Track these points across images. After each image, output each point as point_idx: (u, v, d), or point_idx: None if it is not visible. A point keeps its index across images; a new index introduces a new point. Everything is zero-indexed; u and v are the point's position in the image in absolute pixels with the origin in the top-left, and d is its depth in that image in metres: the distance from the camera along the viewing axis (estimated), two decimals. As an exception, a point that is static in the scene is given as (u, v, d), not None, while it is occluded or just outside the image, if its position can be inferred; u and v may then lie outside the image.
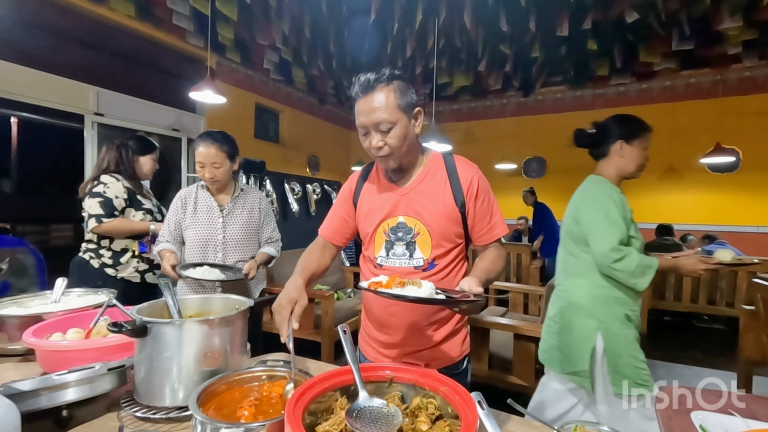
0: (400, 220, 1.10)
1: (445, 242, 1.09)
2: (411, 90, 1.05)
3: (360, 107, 1.02)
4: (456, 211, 1.08)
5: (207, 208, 1.81)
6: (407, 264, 1.09)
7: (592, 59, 4.92)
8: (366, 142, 1.05)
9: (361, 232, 1.20)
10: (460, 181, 1.09)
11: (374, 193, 1.17)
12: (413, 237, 1.09)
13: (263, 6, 3.84)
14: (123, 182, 2.01)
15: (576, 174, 2.59)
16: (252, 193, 1.94)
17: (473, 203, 1.09)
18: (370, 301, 1.19)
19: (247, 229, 1.85)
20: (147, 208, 2.09)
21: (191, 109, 4.75)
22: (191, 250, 1.79)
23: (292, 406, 0.63)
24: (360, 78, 1.01)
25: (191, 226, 1.79)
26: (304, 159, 6.65)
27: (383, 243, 1.12)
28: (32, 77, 3.31)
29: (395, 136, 1.01)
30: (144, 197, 2.13)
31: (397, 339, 1.13)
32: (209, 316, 0.95)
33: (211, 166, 1.74)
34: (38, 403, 0.77)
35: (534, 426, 0.83)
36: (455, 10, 3.79)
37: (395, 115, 1.00)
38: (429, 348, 1.12)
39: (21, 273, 1.84)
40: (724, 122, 5.22)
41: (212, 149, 1.74)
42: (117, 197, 1.97)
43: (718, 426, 0.80)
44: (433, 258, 1.08)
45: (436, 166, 1.12)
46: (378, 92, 1.00)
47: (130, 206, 2.03)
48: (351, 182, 1.24)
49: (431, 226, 1.07)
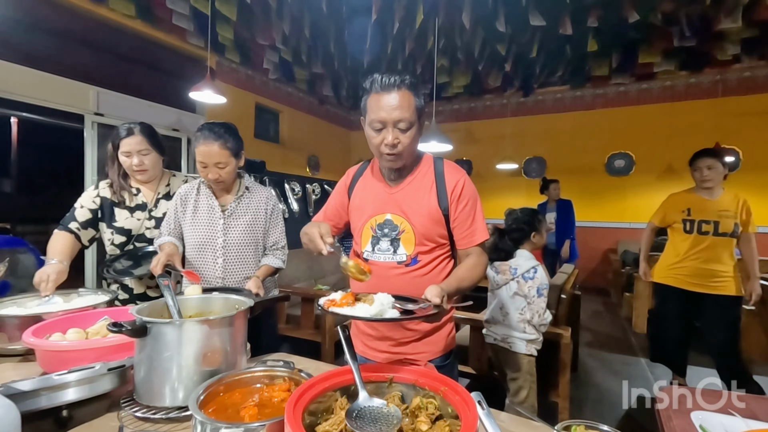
0: (387, 217, 1.15)
1: (427, 241, 1.14)
2: (423, 97, 1.11)
3: (380, 102, 1.04)
4: (439, 213, 1.13)
5: (208, 208, 1.62)
6: (391, 259, 1.14)
7: (592, 59, 4.92)
8: (378, 138, 1.07)
9: (352, 226, 1.26)
10: (446, 184, 1.14)
11: (367, 189, 1.22)
12: (398, 234, 1.14)
13: (263, 6, 3.84)
14: (101, 190, 1.71)
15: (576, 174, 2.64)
16: (259, 193, 1.72)
17: (455, 206, 1.13)
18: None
19: (250, 232, 1.65)
20: (120, 227, 1.68)
21: (191, 109, 4.75)
22: (189, 253, 1.62)
23: (292, 406, 0.63)
24: (381, 76, 1.05)
25: (190, 228, 1.61)
26: (304, 159, 6.65)
27: (370, 238, 1.17)
28: (32, 77, 3.32)
29: (410, 136, 1.06)
30: (130, 209, 1.71)
31: (382, 333, 1.19)
32: (209, 316, 0.95)
33: (215, 167, 1.52)
34: (38, 403, 0.77)
35: (534, 426, 0.83)
36: (455, 10, 3.79)
37: (413, 117, 1.06)
38: (414, 341, 1.17)
39: (21, 273, 1.83)
40: (724, 122, 5.22)
41: (215, 147, 1.51)
42: (82, 206, 1.67)
43: (718, 426, 0.80)
44: (416, 254, 1.13)
45: (426, 168, 1.18)
46: (402, 91, 1.04)
47: (101, 219, 1.69)
48: (348, 176, 1.30)
49: (415, 225, 1.12)
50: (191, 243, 1.62)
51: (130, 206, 1.71)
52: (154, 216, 1.73)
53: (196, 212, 1.62)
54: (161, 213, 1.73)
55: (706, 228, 2.45)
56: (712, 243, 2.43)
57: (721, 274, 2.39)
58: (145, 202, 1.73)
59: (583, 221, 6.37)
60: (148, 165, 1.69)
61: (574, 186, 6.39)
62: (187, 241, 1.63)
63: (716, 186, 2.46)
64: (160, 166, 1.77)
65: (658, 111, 5.73)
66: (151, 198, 1.75)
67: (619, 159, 6.07)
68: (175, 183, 1.81)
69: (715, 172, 2.43)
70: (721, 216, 2.40)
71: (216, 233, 1.60)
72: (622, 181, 6.05)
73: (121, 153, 1.66)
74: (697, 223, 2.48)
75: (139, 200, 1.73)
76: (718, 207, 2.43)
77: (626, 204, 6.05)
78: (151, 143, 1.69)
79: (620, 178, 6.06)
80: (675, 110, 5.63)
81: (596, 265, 6.34)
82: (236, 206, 1.64)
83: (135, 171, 1.68)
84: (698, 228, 2.48)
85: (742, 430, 0.79)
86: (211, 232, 1.61)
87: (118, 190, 1.71)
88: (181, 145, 4.70)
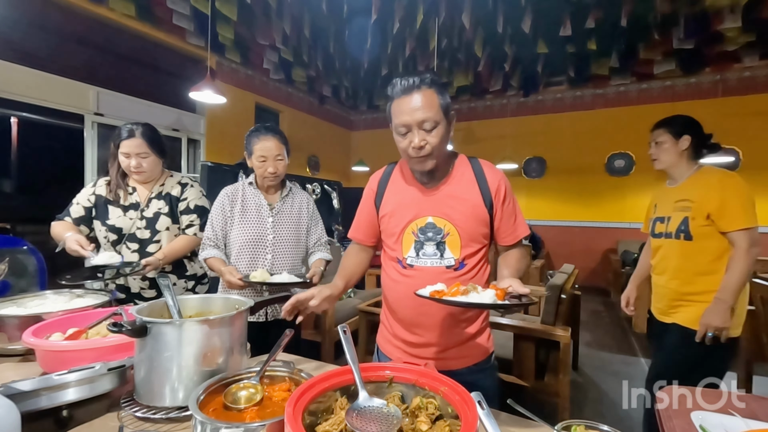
0: (429, 220, 1.12)
1: (473, 243, 1.11)
2: (447, 94, 1.08)
3: (402, 106, 1.03)
4: (485, 212, 1.11)
5: (256, 206, 1.69)
6: (438, 264, 1.11)
7: (592, 59, 4.92)
8: (404, 142, 1.05)
9: (386, 233, 1.21)
10: (489, 183, 1.12)
11: (399, 193, 1.18)
12: (443, 237, 1.10)
13: (263, 6, 3.84)
14: (98, 188, 1.72)
15: (576, 174, 2.63)
16: (300, 194, 1.83)
17: (500, 204, 1.12)
18: (397, 302, 1.18)
19: (296, 230, 1.75)
20: (112, 225, 1.67)
21: (191, 109, 4.75)
22: (238, 251, 1.65)
23: (292, 406, 0.63)
24: (401, 80, 1.04)
25: (239, 226, 1.66)
26: (304, 159, 6.65)
27: (412, 243, 1.13)
28: (32, 77, 3.32)
29: (437, 135, 1.04)
30: (124, 208, 1.71)
31: (427, 339, 1.14)
32: (209, 316, 0.94)
33: (275, 160, 1.64)
34: (38, 403, 0.77)
35: (534, 426, 0.83)
36: (455, 10, 3.79)
37: (439, 115, 1.03)
38: (457, 346, 1.14)
39: (21, 273, 1.83)
40: (724, 122, 5.22)
41: (274, 141, 1.64)
42: (78, 203, 1.70)
43: (718, 426, 0.80)
44: (463, 258, 1.11)
45: (464, 168, 1.15)
46: (423, 92, 1.02)
47: (95, 217, 1.70)
48: (372, 184, 1.25)
49: (460, 226, 1.10)
50: (241, 240, 1.66)
51: (124, 205, 1.72)
52: (146, 216, 1.73)
53: (244, 210, 1.68)
54: (152, 213, 1.74)
55: (659, 228, 1.75)
56: (667, 250, 1.71)
57: (686, 297, 1.63)
58: (138, 202, 1.74)
59: (583, 221, 6.38)
60: (146, 168, 1.70)
61: (574, 186, 6.40)
62: (236, 239, 1.66)
63: (672, 167, 1.74)
64: (159, 168, 1.78)
65: (658, 111, 5.67)
66: (144, 198, 1.75)
67: (619, 159, 6.07)
68: (170, 183, 1.81)
69: (661, 148, 1.73)
70: (677, 208, 1.67)
71: (265, 230, 1.68)
72: (622, 181, 6.06)
73: (120, 153, 1.67)
74: (652, 223, 1.82)
75: (133, 199, 1.73)
76: (675, 196, 1.70)
77: (626, 204, 6.05)
78: (151, 146, 1.69)
79: (620, 178, 6.07)
80: (675, 110, 5.54)
81: (596, 265, 6.34)
82: (282, 205, 1.74)
83: (133, 172, 1.70)
84: (653, 229, 1.81)
85: (742, 430, 0.79)
86: (261, 229, 1.67)
87: (115, 188, 1.72)
88: (181, 145, 4.70)
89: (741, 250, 1.52)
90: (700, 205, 1.59)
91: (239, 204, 1.69)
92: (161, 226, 1.73)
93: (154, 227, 1.72)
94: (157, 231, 1.73)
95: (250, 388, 0.83)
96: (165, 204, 1.76)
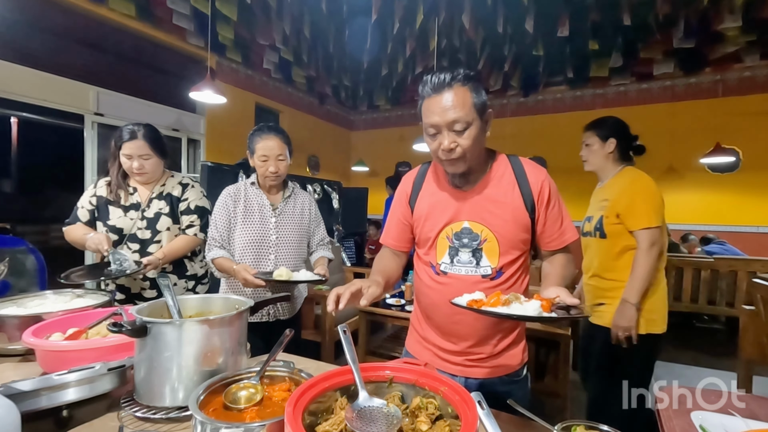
0: (465, 225, 1.05)
1: (512, 250, 1.04)
2: (483, 91, 0.99)
3: (432, 106, 0.96)
4: (526, 216, 1.03)
5: (259, 206, 1.69)
6: (474, 272, 1.04)
7: (592, 59, 4.92)
8: (434, 143, 0.99)
9: (420, 237, 1.14)
10: (531, 185, 1.04)
11: (434, 195, 1.11)
12: (480, 244, 1.04)
13: (263, 6, 3.84)
14: (98, 189, 1.72)
15: (576, 174, 2.64)
16: (302, 195, 1.83)
17: (544, 209, 1.04)
18: (430, 307, 1.13)
19: (299, 230, 1.75)
20: (112, 225, 1.69)
21: (191, 109, 4.75)
22: (241, 252, 1.65)
23: (292, 406, 0.63)
24: (432, 77, 0.96)
25: (242, 226, 1.65)
26: (304, 159, 6.64)
27: (446, 249, 1.07)
28: (32, 77, 3.31)
29: (469, 137, 0.96)
30: (124, 208, 1.71)
31: (460, 347, 1.10)
32: (209, 316, 0.94)
33: (276, 159, 1.63)
34: (38, 403, 0.77)
35: (534, 426, 0.83)
36: (455, 10, 3.79)
37: (471, 115, 0.95)
38: (492, 356, 1.09)
39: (21, 273, 1.83)
40: (724, 122, 5.21)
41: (277, 141, 1.63)
42: (82, 207, 1.71)
43: (718, 426, 0.80)
44: (501, 266, 1.04)
45: (503, 169, 1.07)
46: (454, 90, 0.94)
47: (98, 218, 1.72)
48: (406, 185, 1.18)
49: (499, 232, 1.03)
50: (244, 240, 1.65)
51: (125, 205, 1.72)
52: (146, 216, 1.73)
53: (247, 210, 1.68)
54: (153, 213, 1.74)
55: (587, 228, 1.81)
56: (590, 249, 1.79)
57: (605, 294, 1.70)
58: (139, 202, 1.73)
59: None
60: (149, 169, 1.70)
61: (575, 186, 6.39)
62: (239, 239, 1.66)
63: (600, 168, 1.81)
64: (161, 169, 1.78)
65: (658, 111, 5.72)
66: (145, 198, 1.75)
67: (619, 159, 6.06)
68: (171, 184, 1.81)
69: (590, 150, 1.80)
70: (598, 208, 1.76)
71: (268, 231, 1.68)
72: (622, 181, 6.05)
73: (122, 154, 1.67)
74: (583, 223, 1.85)
75: (134, 200, 1.73)
76: (600, 196, 1.79)
77: (626, 204, 6.04)
78: (153, 148, 1.70)
79: (620, 178, 6.06)
80: (675, 110, 5.62)
81: (596, 265, 6.34)
82: (285, 206, 1.74)
83: (135, 173, 1.70)
84: (582, 228, 1.83)
85: (742, 430, 0.79)
86: (264, 230, 1.68)
87: (115, 188, 1.72)
88: (181, 145, 4.70)
89: (641, 250, 1.58)
90: (613, 204, 1.66)
91: (242, 204, 1.68)
92: (162, 227, 1.73)
93: (155, 227, 1.72)
94: (157, 231, 1.73)
95: (250, 388, 0.83)
96: (166, 204, 1.76)
